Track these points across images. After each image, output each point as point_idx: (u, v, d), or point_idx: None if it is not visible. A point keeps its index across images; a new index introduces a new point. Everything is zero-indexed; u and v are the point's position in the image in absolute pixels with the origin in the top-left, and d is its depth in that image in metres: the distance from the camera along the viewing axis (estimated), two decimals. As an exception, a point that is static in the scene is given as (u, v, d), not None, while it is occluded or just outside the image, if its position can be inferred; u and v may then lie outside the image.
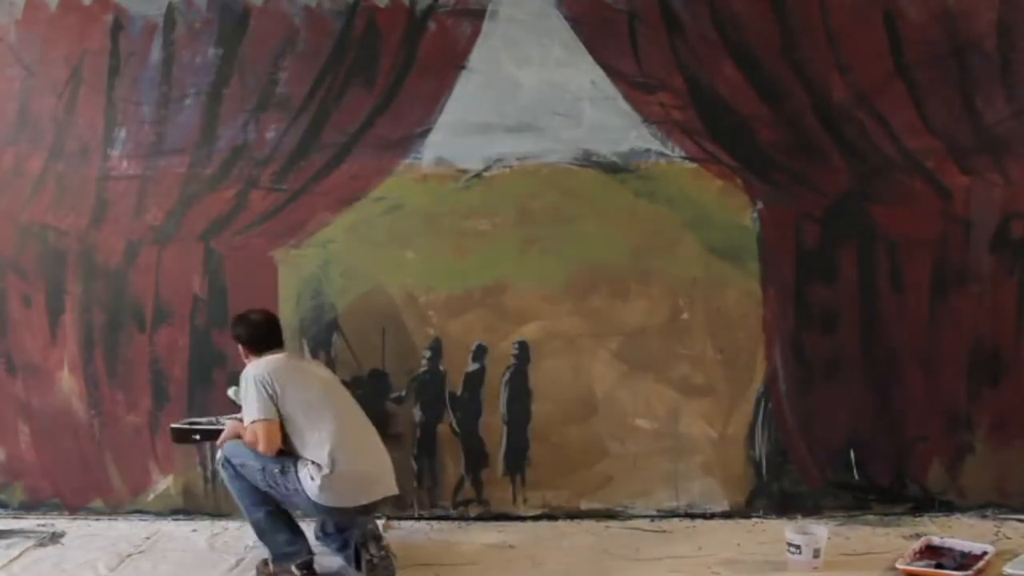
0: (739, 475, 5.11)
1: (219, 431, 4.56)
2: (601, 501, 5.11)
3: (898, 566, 4.27)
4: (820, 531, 4.42)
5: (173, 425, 4.83)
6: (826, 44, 4.97)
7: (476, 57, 5.03)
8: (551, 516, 5.11)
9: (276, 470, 4.27)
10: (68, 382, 5.24)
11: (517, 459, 5.15)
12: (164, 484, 5.24)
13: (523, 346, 5.12)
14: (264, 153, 5.10)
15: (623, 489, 5.12)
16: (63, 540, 4.93)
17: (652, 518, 5.07)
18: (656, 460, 5.11)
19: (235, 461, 4.37)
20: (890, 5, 4.95)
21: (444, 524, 5.09)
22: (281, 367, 4.39)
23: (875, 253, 5.03)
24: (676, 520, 5.05)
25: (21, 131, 5.17)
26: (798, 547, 4.33)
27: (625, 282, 5.09)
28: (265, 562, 4.44)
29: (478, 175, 5.08)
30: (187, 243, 5.17)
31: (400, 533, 4.96)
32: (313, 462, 4.22)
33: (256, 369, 4.37)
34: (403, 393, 5.16)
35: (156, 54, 5.10)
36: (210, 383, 5.18)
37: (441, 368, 5.15)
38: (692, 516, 5.08)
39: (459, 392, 5.16)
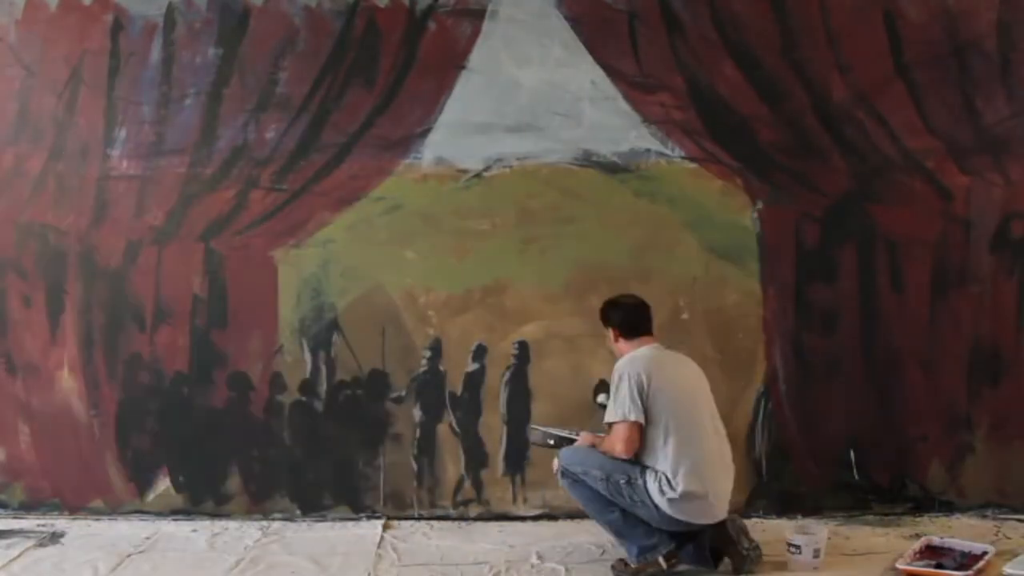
0: (739, 475, 5.09)
1: (573, 440, 4.46)
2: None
3: (898, 566, 4.27)
4: (820, 531, 4.42)
5: (532, 426, 4.81)
6: (826, 44, 4.97)
7: (476, 57, 5.03)
8: (551, 516, 5.11)
9: (622, 481, 4.15)
10: (68, 382, 5.24)
11: (517, 459, 5.15)
12: (164, 484, 5.25)
13: (523, 346, 5.12)
14: (264, 153, 5.11)
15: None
16: (63, 540, 4.93)
17: (652, 518, 5.07)
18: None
19: (574, 470, 4.27)
20: (890, 5, 4.96)
21: (444, 524, 5.08)
22: (656, 364, 4.24)
23: (875, 253, 5.03)
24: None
25: (21, 131, 5.17)
26: (798, 547, 4.33)
27: (625, 282, 5.07)
28: (623, 562, 4.29)
29: (478, 175, 5.08)
30: (187, 243, 5.16)
31: (400, 533, 4.96)
32: (664, 475, 4.10)
33: (632, 366, 4.23)
34: (403, 393, 5.16)
35: (156, 54, 5.10)
36: (210, 383, 5.18)
37: (441, 368, 5.15)
38: (692, 516, 5.08)
39: (459, 392, 5.16)
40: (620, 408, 4.16)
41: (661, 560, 4.21)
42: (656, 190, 5.06)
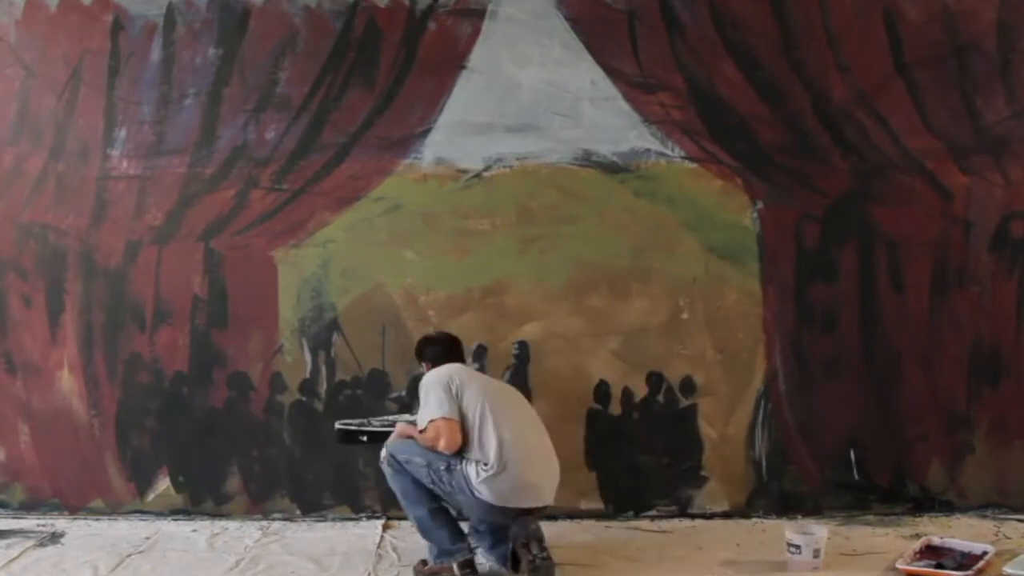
0: (739, 475, 5.11)
1: (387, 433, 4.50)
2: (601, 501, 5.11)
3: (898, 566, 4.27)
4: (820, 531, 4.42)
5: (339, 425, 4.81)
6: (826, 44, 4.98)
7: (476, 57, 5.03)
8: (551, 516, 5.10)
9: (442, 467, 4.22)
10: (68, 382, 5.24)
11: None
12: (164, 484, 5.25)
13: (523, 346, 5.12)
14: (264, 153, 5.11)
15: (624, 489, 5.12)
16: (63, 540, 4.93)
17: (652, 518, 5.07)
18: (656, 460, 5.11)
19: (400, 458, 4.33)
20: (890, 5, 4.96)
21: (444, 524, 5.08)
22: (461, 370, 4.38)
23: (875, 253, 5.03)
24: (676, 520, 5.05)
25: (21, 131, 5.17)
26: (798, 547, 4.33)
27: (625, 282, 5.09)
28: (423, 562, 4.36)
29: (478, 175, 5.08)
30: (187, 243, 5.17)
31: (400, 533, 4.96)
32: (480, 461, 4.18)
33: (437, 373, 4.33)
34: (403, 393, 5.16)
35: (156, 54, 5.10)
36: (210, 383, 5.18)
37: (441, 368, 5.15)
38: (692, 516, 5.07)
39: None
40: (431, 409, 4.23)
41: (456, 567, 4.26)
42: (656, 190, 5.06)
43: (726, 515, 5.07)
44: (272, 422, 5.19)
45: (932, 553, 4.39)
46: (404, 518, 5.09)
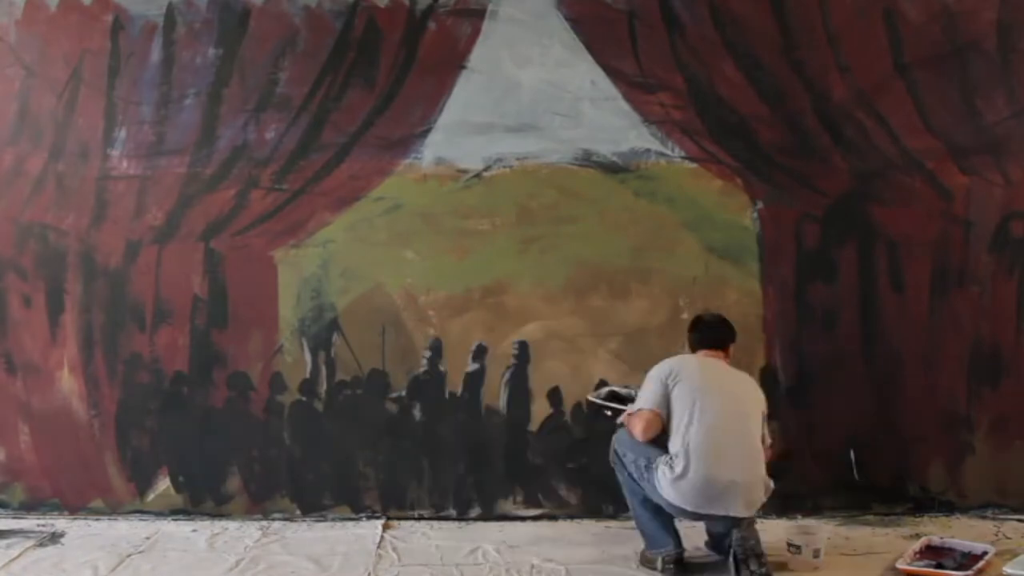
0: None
1: (623, 409, 4.51)
2: (602, 501, 5.11)
3: (898, 566, 4.27)
4: (820, 531, 4.42)
5: (590, 397, 4.81)
6: (826, 44, 4.98)
7: (476, 57, 5.04)
8: (551, 516, 5.11)
9: (643, 464, 4.28)
10: (68, 382, 5.24)
11: (517, 459, 5.15)
12: (164, 484, 5.25)
13: (523, 346, 5.12)
14: (264, 153, 5.11)
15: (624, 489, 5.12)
16: (63, 540, 4.92)
17: (652, 518, 5.07)
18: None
19: (619, 450, 4.42)
20: (890, 5, 4.96)
21: (444, 524, 5.08)
22: (688, 362, 4.37)
23: (875, 253, 5.03)
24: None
25: (21, 131, 5.17)
26: (798, 547, 4.33)
27: (625, 282, 5.10)
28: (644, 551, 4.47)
29: (478, 175, 5.08)
30: (187, 243, 5.17)
31: (400, 533, 4.96)
32: (672, 456, 4.18)
33: (664, 363, 4.36)
34: (403, 393, 5.16)
35: (156, 54, 5.10)
36: (210, 383, 5.18)
37: (441, 368, 5.15)
38: (692, 516, 5.07)
39: (459, 392, 5.16)
40: (641, 399, 4.33)
41: (659, 561, 4.32)
42: (656, 190, 5.06)
43: (726, 515, 5.07)
44: (272, 422, 5.19)
45: (932, 553, 4.39)
46: (404, 518, 5.12)
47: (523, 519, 5.11)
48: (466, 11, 5.03)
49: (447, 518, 5.14)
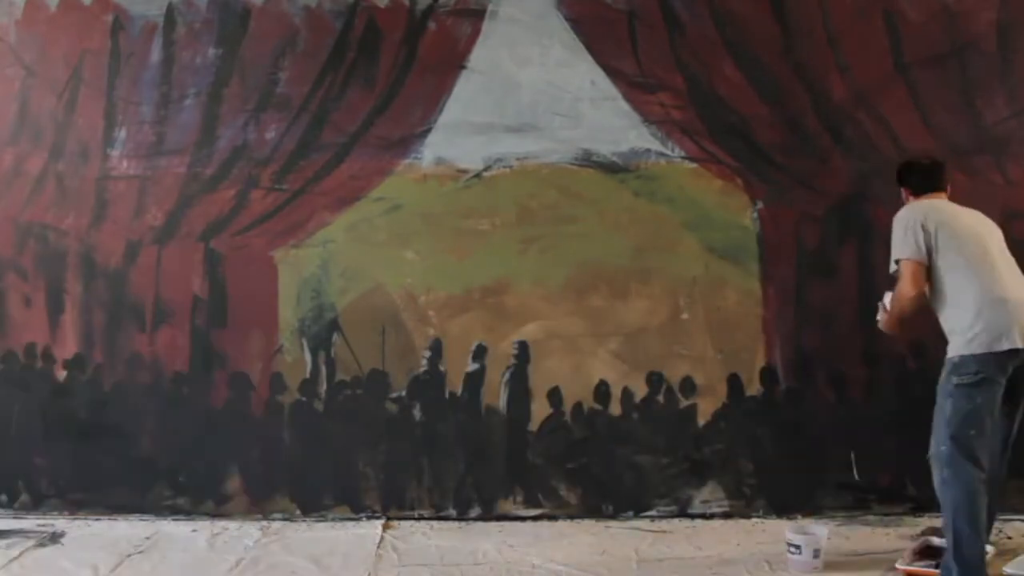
0: (739, 476, 5.10)
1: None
2: (602, 501, 5.11)
3: (898, 566, 4.27)
4: (820, 531, 4.42)
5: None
6: (826, 44, 4.98)
7: (476, 57, 5.04)
8: (551, 516, 5.11)
9: (960, 391, 3.92)
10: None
11: (517, 459, 5.15)
12: (164, 484, 5.24)
13: (523, 346, 5.12)
14: (264, 153, 5.11)
15: (624, 489, 5.12)
16: (63, 540, 4.93)
17: (652, 518, 5.07)
18: (656, 460, 5.11)
19: (935, 451, 4.00)
20: (890, 5, 4.97)
21: (444, 524, 5.08)
22: (934, 208, 4.11)
23: (875, 253, 5.03)
24: (676, 520, 5.04)
25: (21, 131, 5.18)
26: (798, 547, 4.33)
27: (625, 282, 5.09)
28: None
29: (478, 175, 5.09)
30: (187, 243, 5.17)
31: (400, 533, 4.96)
32: (957, 329, 3.95)
33: (911, 211, 4.09)
34: (403, 393, 5.16)
35: (156, 54, 5.11)
36: (210, 383, 5.18)
37: (441, 368, 5.15)
38: (692, 516, 5.07)
39: (459, 392, 5.16)
40: (900, 249, 4.04)
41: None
42: (656, 190, 5.06)
43: (726, 515, 5.07)
44: (272, 422, 5.19)
45: (932, 553, 4.38)
46: (404, 518, 5.11)
47: (523, 519, 5.11)
48: (466, 11, 5.03)
49: (447, 518, 5.13)
